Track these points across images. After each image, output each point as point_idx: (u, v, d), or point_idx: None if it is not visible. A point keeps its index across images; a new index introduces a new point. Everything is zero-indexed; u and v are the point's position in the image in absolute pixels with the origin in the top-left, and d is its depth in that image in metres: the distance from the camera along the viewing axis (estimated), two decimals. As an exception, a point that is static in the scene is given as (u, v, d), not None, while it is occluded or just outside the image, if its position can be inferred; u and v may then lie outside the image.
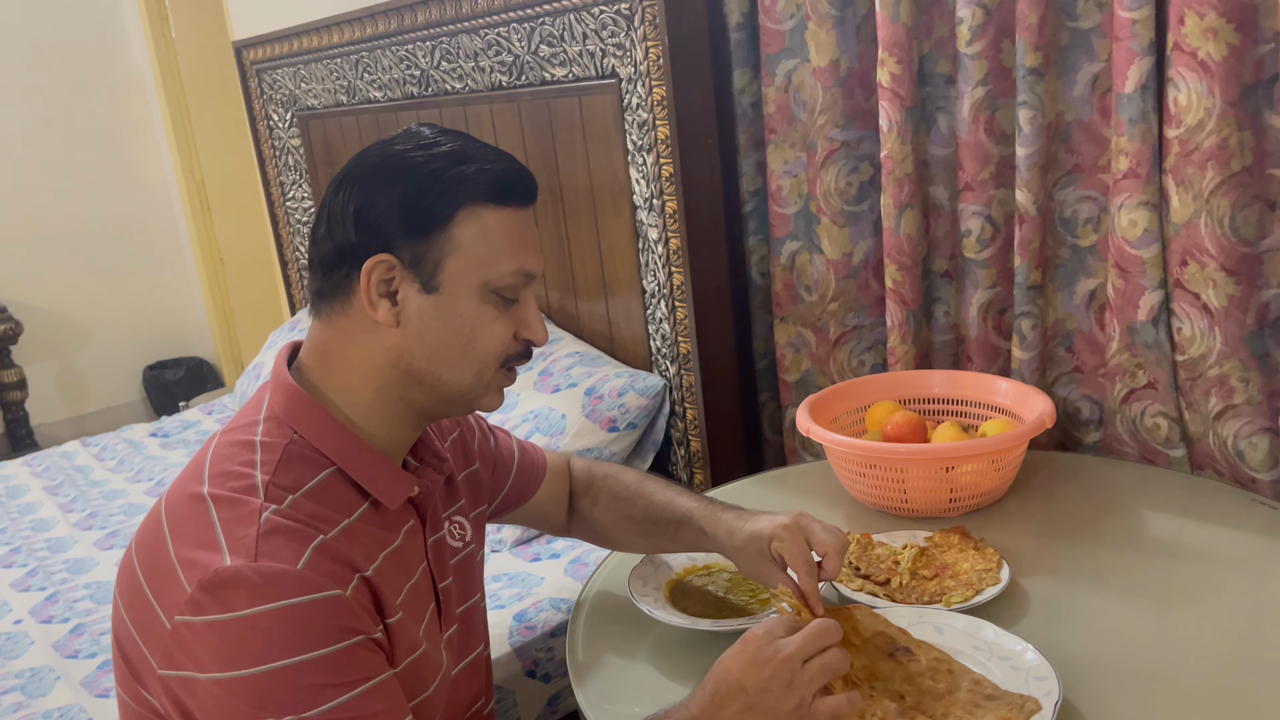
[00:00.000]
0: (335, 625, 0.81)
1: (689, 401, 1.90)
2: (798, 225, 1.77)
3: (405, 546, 0.95)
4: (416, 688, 0.93)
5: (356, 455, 0.92)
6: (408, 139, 0.93)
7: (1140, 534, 1.30)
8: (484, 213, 0.90)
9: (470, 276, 0.90)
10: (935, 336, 1.69)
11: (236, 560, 0.80)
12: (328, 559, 0.83)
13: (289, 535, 0.83)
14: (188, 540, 0.83)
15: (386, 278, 0.90)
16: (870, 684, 0.99)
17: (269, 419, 0.91)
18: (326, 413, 0.92)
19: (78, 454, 2.57)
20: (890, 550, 1.25)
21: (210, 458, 0.89)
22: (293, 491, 0.86)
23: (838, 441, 1.37)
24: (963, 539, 1.27)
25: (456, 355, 0.92)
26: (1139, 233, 1.36)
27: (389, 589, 0.89)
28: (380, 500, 0.93)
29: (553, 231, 2.14)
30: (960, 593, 1.16)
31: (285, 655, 0.79)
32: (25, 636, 1.71)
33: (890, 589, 1.19)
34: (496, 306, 0.92)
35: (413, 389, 0.93)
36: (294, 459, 0.89)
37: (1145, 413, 1.45)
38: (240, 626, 0.79)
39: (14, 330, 3.82)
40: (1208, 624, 1.10)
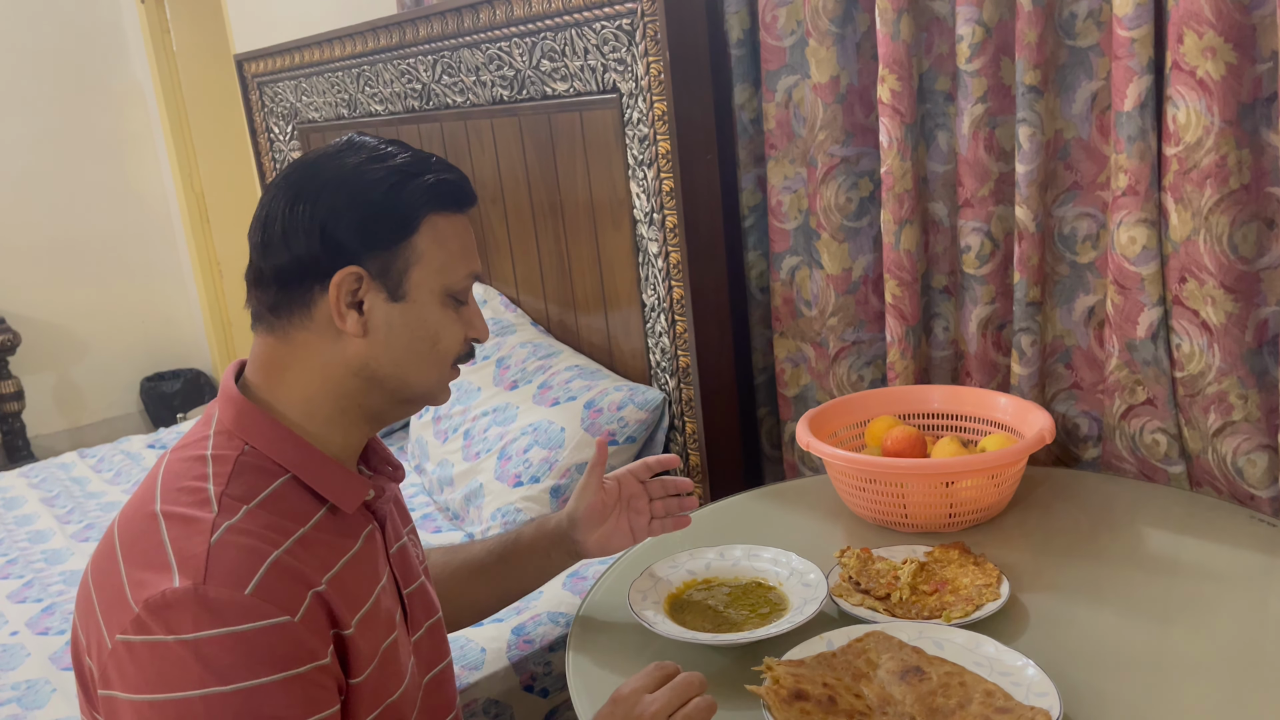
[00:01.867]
0: (279, 654, 0.80)
1: (688, 415, 1.90)
2: (797, 240, 1.78)
3: (366, 551, 0.95)
4: (380, 692, 0.92)
5: (309, 461, 0.92)
6: (357, 151, 0.94)
7: (1139, 550, 1.30)
8: (440, 221, 0.94)
9: (432, 283, 0.94)
10: (934, 352, 1.69)
11: (185, 581, 0.79)
12: (279, 579, 0.82)
13: (241, 552, 0.82)
14: (138, 560, 0.82)
15: (353, 289, 0.91)
16: (883, 710, 0.99)
17: (219, 433, 0.91)
18: (277, 422, 0.92)
19: (75, 465, 2.57)
20: (890, 565, 1.25)
21: (162, 475, 0.89)
22: (246, 501, 0.86)
23: (838, 456, 1.37)
24: (962, 554, 1.26)
25: (422, 359, 0.95)
26: (1138, 250, 1.36)
27: (347, 599, 0.89)
28: (337, 505, 0.93)
29: (552, 245, 2.14)
30: (960, 608, 1.16)
31: (224, 682, 0.78)
32: (21, 648, 1.71)
33: (890, 604, 1.19)
34: (454, 309, 0.97)
35: (373, 394, 0.96)
36: (246, 469, 0.89)
37: (1144, 429, 1.45)
38: (183, 649, 0.78)
39: (11, 341, 3.82)
40: (1206, 640, 1.10)
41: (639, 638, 1.21)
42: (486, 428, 2.04)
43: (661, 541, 1.45)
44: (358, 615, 0.89)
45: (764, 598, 1.23)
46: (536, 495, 1.86)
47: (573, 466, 1.87)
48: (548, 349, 2.14)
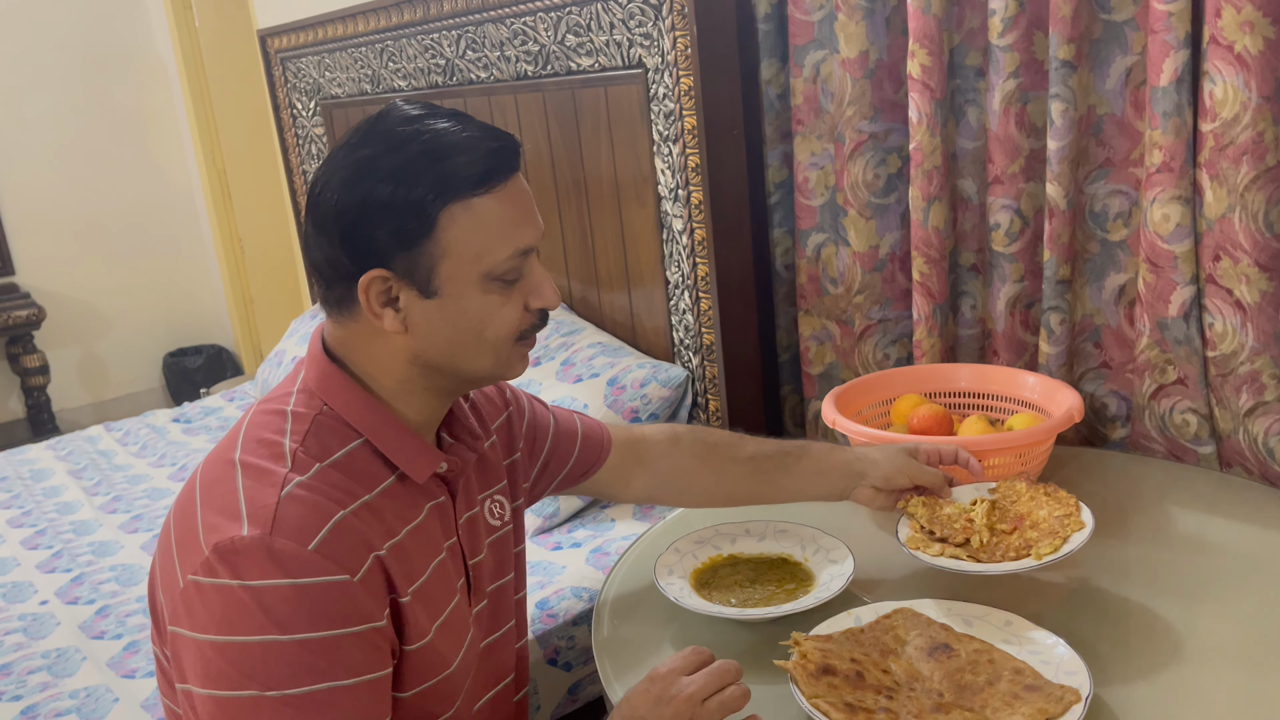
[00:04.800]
0: (336, 611, 0.82)
1: (711, 393, 1.90)
2: (824, 217, 1.77)
3: (430, 523, 0.96)
4: (435, 666, 0.93)
5: (384, 428, 0.92)
6: (375, 141, 0.88)
7: (1167, 530, 1.29)
8: (468, 205, 0.87)
9: (467, 273, 0.89)
10: (961, 330, 1.68)
11: (253, 530, 0.81)
12: (342, 538, 0.84)
13: (308, 508, 0.84)
14: (214, 504, 0.85)
15: (385, 289, 0.89)
16: (910, 686, 0.99)
17: (302, 390, 0.93)
18: (356, 387, 0.93)
19: (101, 438, 2.59)
20: (960, 508, 1.17)
21: (246, 425, 0.91)
22: (320, 460, 0.88)
23: (863, 433, 1.36)
24: (1031, 487, 1.19)
25: (471, 348, 0.92)
26: (1171, 227, 1.35)
27: (406, 566, 0.90)
28: (407, 474, 0.93)
29: (576, 222, 2.14)
30: (1048, 543, 1.09)
31: (282, 631, 0.80)
32: (51, 617, 1.73)
33: (972, 549, 1.11)
34: (500, 292, 0.91)
35: (435, 378, 0.94)
36: (323, 429, 0.90)
37: (1174, 409, 1.44)
38: (246, 595, 0.80)
39: (37, 316, 3.85)
40: (1235, 620, 1.09)
41: (664, 612, 1.21)
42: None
43: (686, 518, 1.45)
44: (414, 585, 0.91)
45: (790, 573, 1.23)
46: (559, 471, 1.87)
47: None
48: (570, 326, 2.14)
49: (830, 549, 1.25)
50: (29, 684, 1.53)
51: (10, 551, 1.99)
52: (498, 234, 0.89)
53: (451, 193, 0.87)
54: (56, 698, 1.49)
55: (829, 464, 1.22)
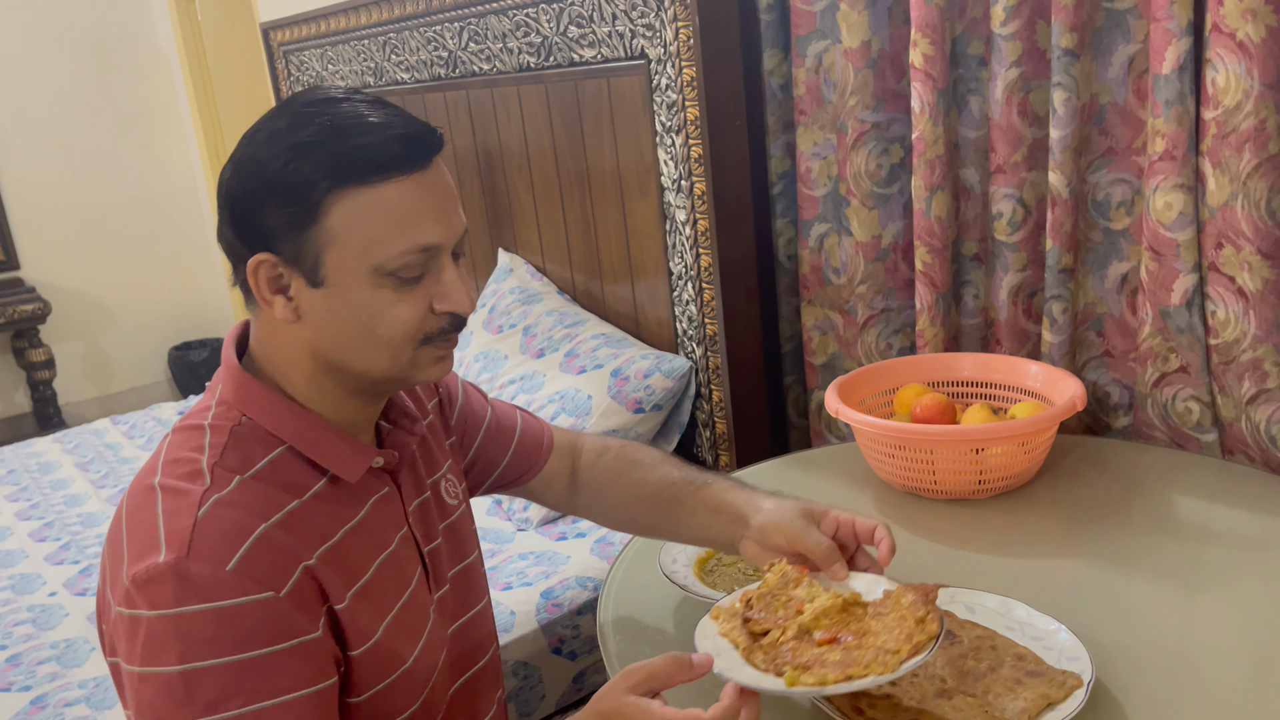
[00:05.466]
0: (261, 630, 0.80)
1: (715, 383, 1.91)
2: (826, 207, 1.77)
3: (374, 518, 0.93)
4: (389, 664, 0.91)
5: (307, 432, 0.90)
6: (277, 118, 0.86)
7: (1169, 518, 1.30)
8: (356, 195, 0.83)
9: (355, 265, 0.84)
10: (964, 320, 1.69)
11: (169, 556, 0.79)
12: (264, 554, 0.82)
13: (227, 526, 0.81)
14: (136, 532, 0.82)
15: (274, 275, 0.86)
16: (912, 672, 1.00)
17: (220, 403, 0.90)
18: (272, 393, 0.90)
19: (107, 431, 2.60)
20: (811, 595, 0.96)
21: (165, 446, 0.89)
22: (240, 472, 0.85)
23: (867, 422, 1.37)
24: (914, 606, 0.92)
25: (362, 345, 0.88)
26: (1174, 215, 1.35)
27: (344, 570, 0.88)
28: (338, 475, 0.91)
29: (579, 214, 2.14)
30: (818, 674, 0.87)
31: (205, 657, 0.78)
32: (60, 608, 1.74)
33: (752, 645, 0.92)
34: (395, 289, 0.86)
35: (341, 376, 0.90)
36: (243, 440, 0.87)
37: (1176, 397, 1.44)
38: (163, 625, 0.78)
39: (42, 310, 3.86)
40: (1237, 608, 1.10)
41: (668, 601, 1.22)
42: (514, 395, 2.05)
43: (690, 507, 1.46)
44: (354, 588, 0.88)
45: (793, 562, 1.24)
46: (564, 462, 1.88)
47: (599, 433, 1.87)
48: (574, 317, 2.14)
49: (833, 537, 1.25)
50: (38, 674, 1.55)
51: (18, 544, 2.00)
52: (391, 228, 0.84)
53: (340, 179, 0.82)
54: (66, 687, 1.50)
55: (722, 502, 1.09)
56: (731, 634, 0.93)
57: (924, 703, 0.95)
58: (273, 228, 0.84)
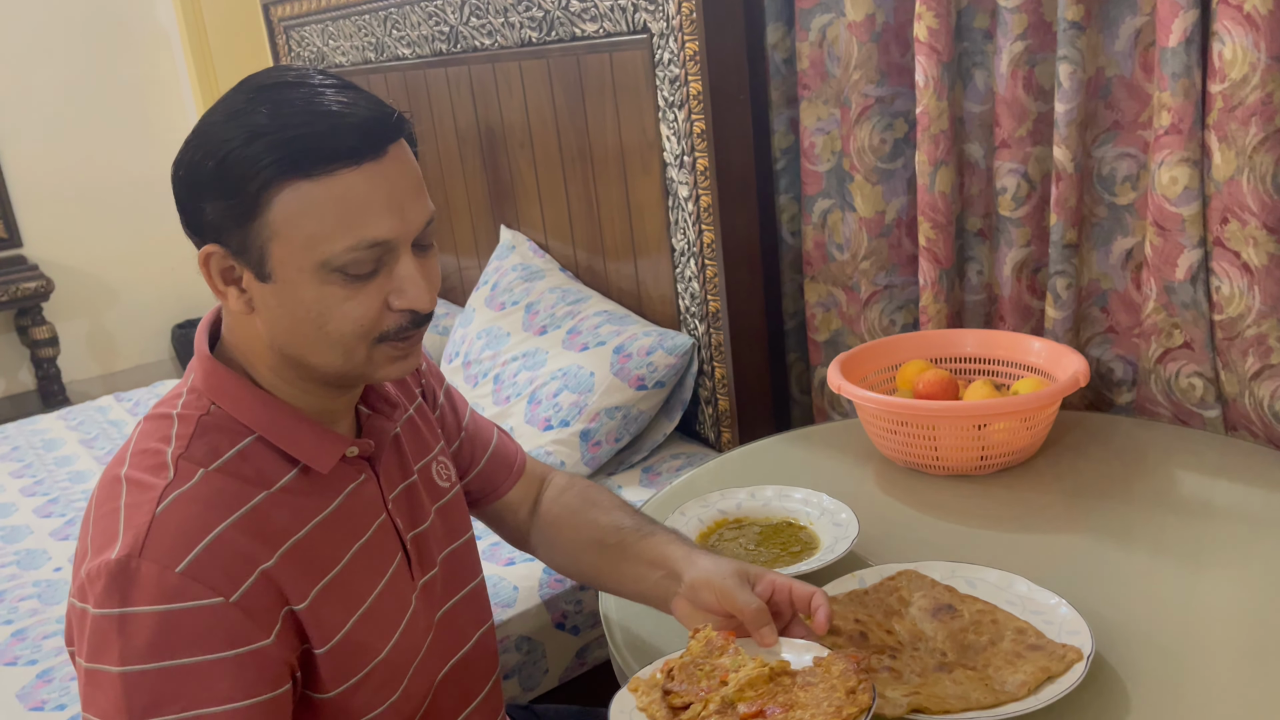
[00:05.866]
0: (205, 637, 0.78)
1: (718, 360, 1.90)
2: (830, 183, 1.76)
3: (348, 508, 0.91)
4: (360, 657, 0.89)
5: (276, 422, 0.88)
6: (226, 103, 0.82)
7: (1171, 494, 1.30)
8: (298, 188, 0.79)
9: (300, 260, 0.81)
10: (968, 296, 1.68)
11: (122, 553, 0.77)
12: (219, 556, 0.80)
13: (184, 524, 0.80)
14: (100, 524, 0.81)
15: (225, 266, 0.84)
16: (914, 646, 1.00)
17: (190, 391, 0.89)
18: (243, 381, 0.88)
19: (111, 408, 2.61)
20: (737, 663, 0.90)
21: (135, 435, 0.87)
22: (205, 465, 0.83)
23: (869, 398, 1.37)
24: (844, 676, 0.87)
25: (312, 340, 0.84)
26: (1179, 190, 1.34)
27: (310, 565, 0.86)
28: (310, 465, 0.88)
29: (581, 190, 2.13)
30: None
31: (144, 660, 0.77)
32: (65, 583, 1.75)
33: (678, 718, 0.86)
34: (344, 285, 0.82)
35: (299, 368, 0.88)
36: (210, 430, 0.86)
37: (1180, 373, 1.44)
38: (107, 623, 0.77)
39: (45, 288, 3.86)
40: (1238, 584, 1.10)
41: (671, 575, 1.22)
42: (516, 372, 2.05)
43: (691, 482, 1.46)
44: (320, 584, 0.87)
45: (795, 537, 1.24)
46: (566, 439, 1.88)
47: (602, 410, 1.88)
48: (576, 294, 2.14)
49: (835, 512, 1.26)
50: (44, 649, 1.56)
51: (23, 519, 2.01)
52: (336, 223, 0.80)
53: (280, 172, 0.79)
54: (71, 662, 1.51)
55: (660, 555, 1.02)
56: (650, 709, 0.87)
57: (924, 676, 0.96)
58: (216, 220, 0.82)
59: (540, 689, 1.61)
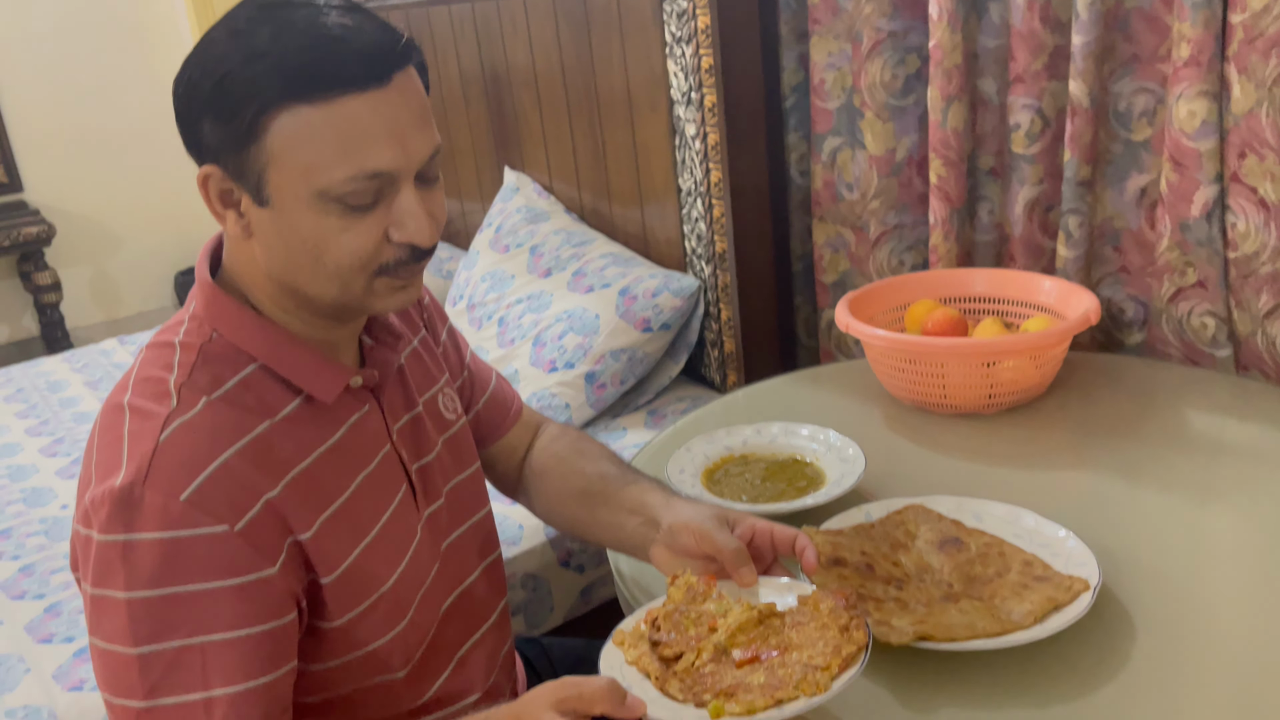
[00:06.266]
0: (209, 564, 0.78)
1: (724, 302, 1.89)
2: (840, 120, 1.73)
3: (352, 438, 0.90)
4: (366, 586, 0.89)
5: (279, 349, 0.86)
6: (229, 22, 0.79)
7: (1181, 433, 1.29)
8: (297, 113, 0.77)
9: (297, 188, 0.79)
10: (978, 236, 1.66)
11: (126, 480, 0.77)
12: (222, 485, 0.79)
13: (188, 453, 0.79)
14: (103, 452, 0.81)
15: (224, 189, 0.82)
16: (920, 578, 1.00)
17: (192, 319, 0.87)
18: (244, 308, 0.87)
19: (115, 351, 2.60)
20: (723, 608, 0.87)
21: (138, 363, 0.86)
22: (208, 393, 0.82)
23: (877, 336, 1.35)
24: (834, 613, 0.85)
25: (308, 271, 0.83)
26: (1197, 124, 1.31)
27: (315, 494, 0.85)
28: (312, 394, 0.87)
29: (587, 130, 2.10)
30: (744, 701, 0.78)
31: (148, 586, 0.76)
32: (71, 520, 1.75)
33: (671, 669, 0.83)
34: (341, 216, 0.80)
35: (297, 297, 0.86)
36: (212, 359, 0.85)
37: (1193, 312, 1.42)
38: (111, 550, 0.77)
39: (47, 233, 3.84)
40: (1246, 522, 1.10)
41: (677, 510, 1.21)
42: (521, 315, 2.04)
43: (697, 421, 1.45)
44: (325, 514, 0.86)
45: (801, 472, 1.24)
46: (571, 381, 1.87)
47: (607, 353, 1.87)
48: (582, 236, 2.12)
49: (842, 448, 1.25)
50: (51, 583, 1.56)
51: (29, 459, 2.02)
52: (335, 151, 0.78)
53: (279, 96, 0.76)
54: (79, 596, 1.52)
55: (640, 503, 1.01)
56: (641, 662, 0.83)
57: (930, 606, 0.95)
58: (214, 142, 0.80)
59: (545, 626, 1.61)
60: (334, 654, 0.89)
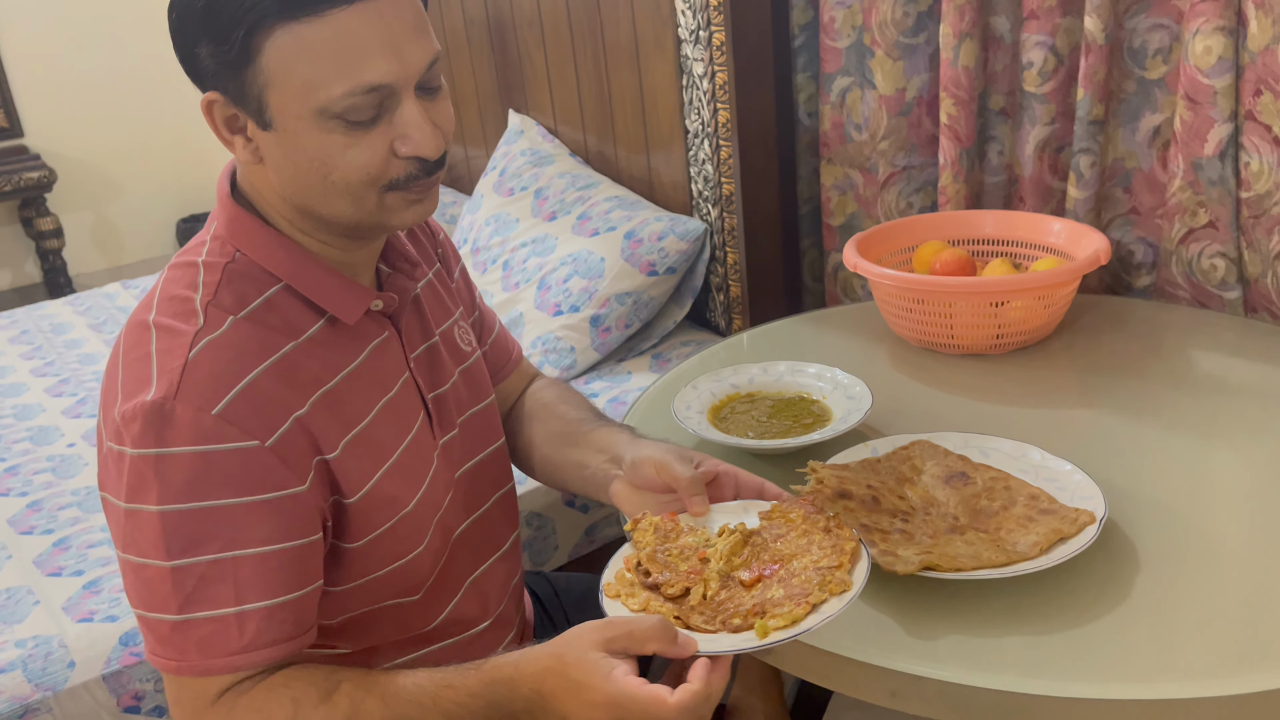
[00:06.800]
0: (241, 478, 0.79)
1: (730, 246, 1.88)
2: (849, 60, 1.70)
3: (372, 364, 0.91)
4: (387, 509, 0.90)
5: (302, 270, 0.86)
6: None
7: (1187, 373, 1.29)
8: (288, 31, 0.76)
9: (298, 107, 0.78)
10: (988, 178, 1.64)
11: (157, 395, 0.77)
12: (253, 401, 0.80)
13: (219, 369, 0.79)
14: (130, 369, 0.81)
15: (228, 114, 0.82)
16: (926, 511, 1.00)
17: (214, 239, 0.88)
18: (267, 228, 0.87)
19: (119, 295, 2.60)
20: (699, 540, 0.87)
21: (162, 282, 0.86)
22: (234, 312, 0.83)
23: (885, 275, 1.35)
24: (808, 518, 0.88)
25: (319, 191, 0.82)
26: (1213, 60, 1.29)
27: (340, 415, 0.86)
28: (336, 315, 0.88)
29: (592, 71, 2.08)
30: (788, 611, 0.78)
31: (181, 500, 0.77)
32: (79, 458, 1.76)
33: (685, 605, 0.81)
34: (345, 133, 0.79)
35: (313, 218, 0.86)
36: (237, 278, 0.85)
37: (1203, 254, 1.41)
38: (144, 464, 0.77)
39: (48, 178, 3.82)
40: (1249, 458, 1.10)
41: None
42: (525, 258, 2.03)
43: (703, 361, 1.45)
44: (349, 435, 0.87)
45: (808, 410, 1.24)
46: (576, 324, 1.87)
47: (612, 296, 1.86)
48: (587, 179, 2.10)
49: (849, 386, 1.25)
50: (60, 519, 1.58)
51: (35, 398, 2.02)
52: (330, 67, 0.77)
53: (270, 14, 0.75)
54: (88, 530, 1.53)
55: (606, 442, 1.02)
56: (650, 605, 0.81)
57: (936, 538, 0.96)
58: (211, 66, 0.79)
59: (550, 565, 1.63)
60: (352, 575, 0.90)
